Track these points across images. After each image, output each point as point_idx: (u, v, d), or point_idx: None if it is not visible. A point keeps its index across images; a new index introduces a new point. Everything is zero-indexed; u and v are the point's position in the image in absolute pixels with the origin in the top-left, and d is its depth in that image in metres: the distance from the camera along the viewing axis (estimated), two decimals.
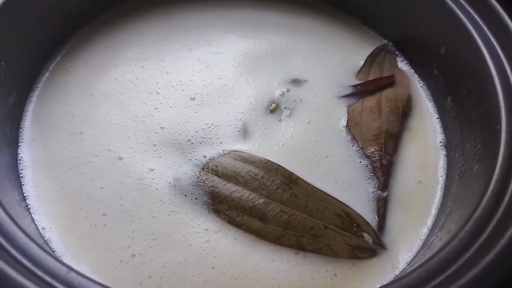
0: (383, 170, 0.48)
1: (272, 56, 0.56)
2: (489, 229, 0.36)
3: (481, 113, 0.46)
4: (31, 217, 0.44)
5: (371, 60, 0.57)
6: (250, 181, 0.45)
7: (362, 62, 0.57)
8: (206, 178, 0.46)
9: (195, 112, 0.50)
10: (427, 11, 0.52)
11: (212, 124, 0.50)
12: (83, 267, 0.41)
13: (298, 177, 0.46)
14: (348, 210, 0.45)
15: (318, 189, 0.46)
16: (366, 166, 0.49)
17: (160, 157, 0.47)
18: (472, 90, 0.47)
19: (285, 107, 0.52)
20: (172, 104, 0.51)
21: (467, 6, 0.48)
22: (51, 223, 0.43)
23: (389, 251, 0.44)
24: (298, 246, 0.43)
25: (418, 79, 0.57)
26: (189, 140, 0.48)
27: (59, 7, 0.52)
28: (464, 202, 0.43)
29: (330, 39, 0.60)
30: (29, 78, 0.51)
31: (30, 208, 0.44)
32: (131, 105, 0.51)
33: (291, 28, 0.60)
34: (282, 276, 0.42)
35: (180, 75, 0.53)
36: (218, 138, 0.49)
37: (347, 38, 0.60)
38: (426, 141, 0.52)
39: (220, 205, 0.44)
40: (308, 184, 0.46)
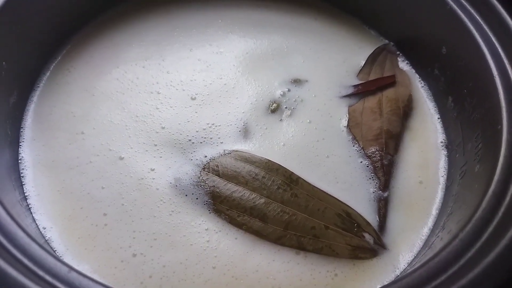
0: (384, 170, 0.48)
1: (273, 56, 0.56)
2: (490, 229, 0.36)
3: (482, 113, 0.45)
4: (32, 216, 0.44)
5: (372, 60, 0.57)
6: (251, 181, 0.45)
7: (363, 62, 0.57)
8: (207, 178, 0.46)
9: (196, 112, 0.50)
10: (428, 11, 0.52)
11: (213, 124, 0.50)
12: (84, 266, 0.41)
13: (299, 177, 0.46)
14: (349, 210, 0.45)
15: (319, 189, 0.46)
16: (367, 166, 0.49)
17: (160, 157, 0.47)
18: (473, 90, 0.47)
19: (286, 107, 0.52)
20: (173, 104, 0.51)
21: (468, 6, 0.48)
22: (52, 223, 0.43)
23: (390, 251, 0.44)
24: (299, 246, 0.43)
25: (419, 79, 0.57)
26: (190, 140, 0.48)
27: (60, 7, 0.52)
28: (465, 202, 0.42)
29: (331, 39, 0.59)
30: (30, 77, 0.51)
31: (31, 207, 0.44)
32: (132, 105, 0.51)
33: (292, 28, 0.60)
34: (282, 276, 0.42)
35: (181, 75, 0.53)
36: (219, 138, 0.49)
37: (348, 38, 0.60)
38: (427, 141, 0.52)
39: (220, 205, 0.44)
40: (309, 184, 0.46)
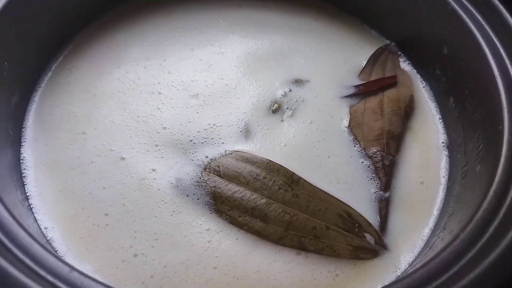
0: (385, 171, 0.48)
1: (274, 56, 0.56)
2: (491, 229, 0.36)
3: (484, 113, 0.45)
4: (34, 216, 0.44)
5: (373, 60, 0.57)
6: (252, 182, 0.45)
7: (364, 63, 0.57)
8: (208, 179, 0.46)
9: (197, 113, 0.50)
10: (430, 11, 0.52)
11: (214, 125, 0.50)
12: (85, 266, 0.41)
13: (300, 178, 0.46)
14: (350, 210, 0.45)
15: (320, 190, 0.46)
16: (368, 167, 0.49)
17: (162, 157, 0.47)
18: (474, 90, 0.47)
19: (287, 108, 0.52)
20: (174, 104, 0.51)
21: (470, 7, 0.48)
22: (54, 223, 0.44)
23: (391, 251, 0.44)
24: (300, 247, 0.43)
25: (421, 80, 0.57)
26: (191, 141, 0.48)
27: (61, 7, 0.52)
28: (466, 202, 0.42)
29: (332, 39, 0.59)
30: (31, 78, 0.51)
31: (32, 207, 0.44)
32: (133, 105, 0.51)
33: (293, 28, 0.60)
34: (283, 277, 0.42)
35: (182, 75, 0.53)
36: (220, 138, 0.49)
37: (349, 38, 0.60)
38: (428, 141, 0.52)
39: (222, 206, 0.44)
40: (310, 184, 0.46)
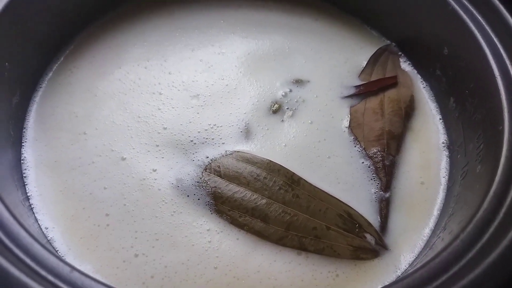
0: (385, 171, 0.48)
1: (274, 57, 0.56)
2: (491, 230, 0.36)
3: (484, 113, 0.45)
4: (34, 216, 0.44)
5: (373, 60, 0.57)
6: (253, 182, 0.45)
7: (365, 63, 0.57)
8: (209, 179, 0.46)
9: (197, 113, 0.51)
10: (430, 11, 0.52)
11: (214, 125, 0.50)
12: (86, 266, 0.41)
13: (300, 178, 0.46)
14: (351, 211, 0.45)
15: (321, 190, 0.46)
16: (369, 167, 0.49)
17: (162, 157, 0.47)
18: (475, 90, 0.47)
19: (287, 108, 0.52)
20: (174, 105, 0.51)
21: (470, 7, 0.48)
22: (54, 223, 0.44)
23: (391, 252, 0.44)
24: (300, 247, 0.43)
25: (421, 80, 0.57)
26: (191, 141, 0.48)
27: (62, 7, 0.53)
28: (466, 203, 0.42)
29: (332, 40, 0.60)
30: (32, 78, 0.51)
31: (33, 207, 0.44)
32: (134, 106, 0.51)
33: (293, 28, 0.60)
34: (284, 277, 0.42)
35: (183, 76, 0.53)
36: (221, 138, 0.49)
37: (350, 38, 0.60)
38: (428, 141, 0.52)
39: (222, 206, 0.44)
40: (311, 184, 0.46)
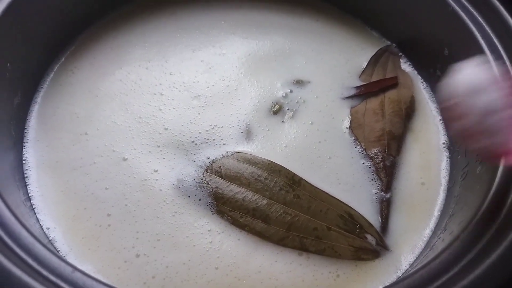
0: (386, 172, 0.48)
1: (275, 57, 0.56)
2: (492, 230, 0.36)
3: None
4: (36, 217, 0.44)
5: (374, 61, 0.57)
6: (254, 182, 0.45)
7: (365, 64, 0.57)
8: (210, 180, 0.46)
9: (198, 114, 0.51)
10: (430, 12, 0.52)
11: (215, 126, 0.50)
12: (87, 267, 0.41)
13: (301, 178, 0.46)
14: (351, 211, 0.45)
15: (321, 191, 0.46)
16: (369, 168, 0.49)
17: (164, 158, 0.47)
18: None
19: (288, 109, 0.52)
20: (175, 105, 0.51)
21: (470, 8, 0.48)
22: (56, 223, 0.44)
23: (392, 252, 0.44)
24: (301, 247, 0.43)
25: (422, 81, 0.57)
26: (192, 142, 0.49)
27: (63, 8, 0.53)
28: (466, 203, 0.43)
29: (333, 40, 0.60)
30: (34, 78, 0.51)
31: (35, 208, 0.44)
32: (135, 106, 0.51)
33: (294, 29, 0.60)
34: (285, 277, 0.42)
35: (184, 76, 0.53)
36: (222, 139, 0.49)
37: (350, 39, 0.60)
38: (429, 142, 0.52)
39: (223, 206, 0.44)
40: (311, 185, 0.46)
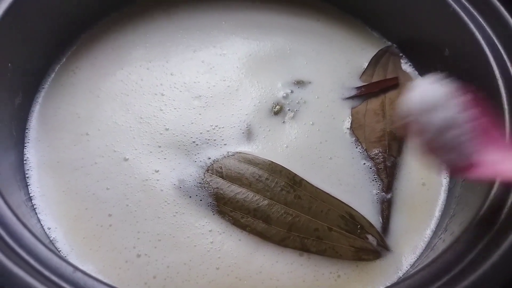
0: (387, 172, 0.48)
1: (276, 58, 0.56)
2: (493, 231, 0.36)
3: None
4: (37, 217, 0.44)
5: (375, 62, 0.57)
6: (255, 183, 0.45)
7: (366, 64, 0.57)
8: (211, 180, 0.46)
9: (199, 114, 0.51)
10: (431, 13, 0.52)
11: (216, 126, 0.50)
12: (89, 267, 0.41)
13: (302, 179, 0.46)
14: (352, 212, 0.45)
15: (322, 191, 0.46)
16: (370, 168, 0.49)
17: (165, 158, 0.47)
18: (476, 92, 0.47)
19: (289, 109, 0.52)
20: (176, 106, 0.51)
21: (471, 8, 0.48)
22: (57, 223, 0.44)
23: (393, 253, 0.44)
24: (302, 248, 0.43)
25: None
26: (193, 142, 0.49)
27: (65, 8, 0.53)
28: (467, 204, 0.43)
29: (333, 41, 0.60)
30: (35, 79, 0.51)
31: (36, 208, 0.44)
32: (136, 107, 0.51)
33: (294, 29, 0.60)
34: (286, 278, 0.42)
35: (185, 77, 0.53)
36: (223, 139, 0.49)
37: (351, 39, 0.60)
38: None
39: (224, 207, 0.44)
40: (312, 185, 0.46)
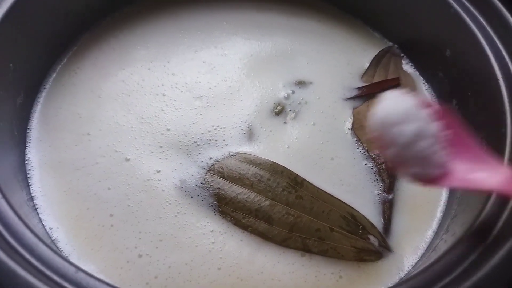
0: (388, 173, 0.48)
1: (277, 58, 0.56)
2: (494, 232, 0.36)
3: (486, 116, 0.46)
4: (39, 217, 0.44)
5: (376, 62, 0.57)
6: (256, 183, 0.45)
7: (367, 64, 0.57)
8: (212, 180, 0.46)
9: (200, 114, 0.51)
10: (432, 13, 0.52)
11: (217, 126, 0.50)
12: (90, 267, 0.41)
13: (304, 179, 0.46)
14: (354, 212, 0.45)
15: (324, 191, 0.46)
16: (372, 169, 0.49)
17: (166, 158, 0.47)
18: (477, 92, 0.47)
19: (290, 110, 0.52)
20: (178, 106, 0.51)
21: (472, 9, 0.48)
22: (59, 223, 0.44)
23: (394, 253, 0.44)
24: (304, 248, 0.43)
25: (423, 82, 0.57)
26: (195, 142, 0.49)
27: (66, 9, 0.53)
28: (469, 205, 0.43)
29: (335, 41, 0.60)
30: (36, 79, 0.51)
31: (37, 208, 0.44)
32: (137, 107, 0.51)
33: (296, 30, 0.60)
34: (287, 278, 0.42)
35: (186, 77, 0.53)
36: (224, 140, 0.49)
37: (352, 40, 0.60)
38: None
39: (226, 207, 0.44)
40: (314, 186, 0.46)
